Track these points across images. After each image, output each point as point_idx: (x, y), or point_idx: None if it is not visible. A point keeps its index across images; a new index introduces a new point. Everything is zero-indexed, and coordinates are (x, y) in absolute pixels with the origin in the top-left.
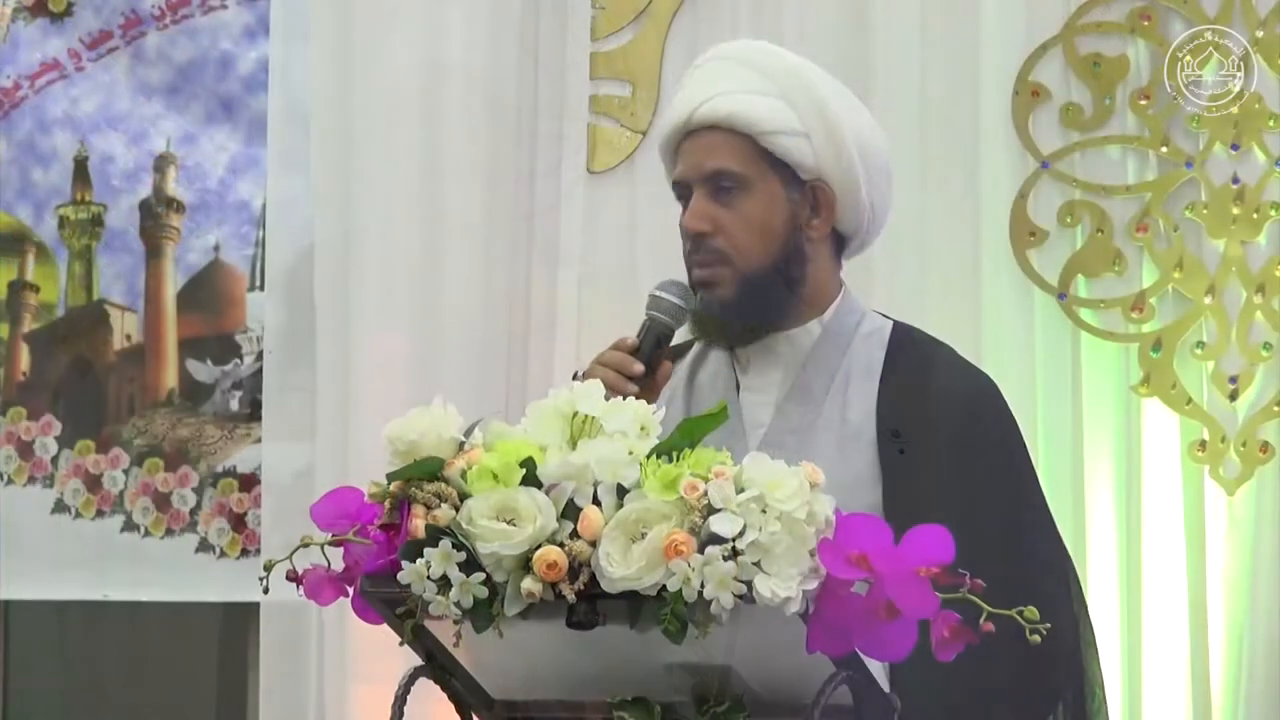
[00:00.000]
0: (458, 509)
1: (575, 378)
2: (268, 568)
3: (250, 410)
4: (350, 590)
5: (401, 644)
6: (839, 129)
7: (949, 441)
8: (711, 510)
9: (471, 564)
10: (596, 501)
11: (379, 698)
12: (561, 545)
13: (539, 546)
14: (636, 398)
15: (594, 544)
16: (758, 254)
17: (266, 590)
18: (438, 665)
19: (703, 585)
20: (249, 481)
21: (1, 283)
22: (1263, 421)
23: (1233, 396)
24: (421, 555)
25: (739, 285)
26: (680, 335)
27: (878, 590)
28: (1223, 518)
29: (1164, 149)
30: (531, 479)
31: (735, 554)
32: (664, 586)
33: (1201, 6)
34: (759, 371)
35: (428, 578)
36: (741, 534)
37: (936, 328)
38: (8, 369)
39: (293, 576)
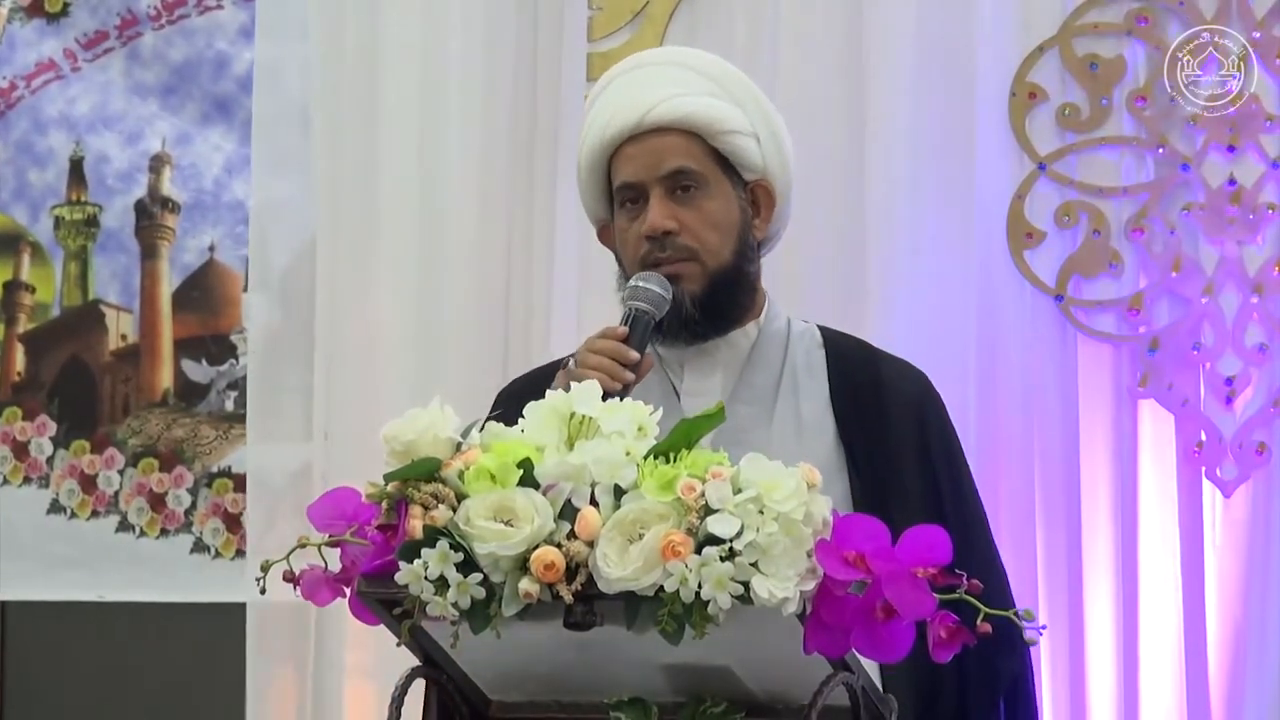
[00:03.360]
0: (455, 509)
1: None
2: (264, 568)
3: (246, 410)
4: (347, 591)
5: (399, 644)
6: (779, 131)
7: (906, 434)
8: (709, 511)
9: (469, 565)
10: (594, 502)
11: (377, 698)
12: (559, 546)
13: (536, 547)
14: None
15: (591, 545)
16: (721, 250)
17: (263, 591)
18: (435, 666)
19: (700, 586)
20: (244, 482)
21: None
22: (1260, 423)
23: (1229, 398)
24: (419, 556)
25: (706, 280)
26: None
27: (874, 591)
28: (1219, 519)
29: (1161, 150)
30: (529, 480)
31: (732, 555)
32: (661, 587)
33: (1199, 7)
34: (697, 376)
35: (425, 578)
36: (739, 535)
37: (934, 328)
38: (3, 369)
39: (289, 577)
